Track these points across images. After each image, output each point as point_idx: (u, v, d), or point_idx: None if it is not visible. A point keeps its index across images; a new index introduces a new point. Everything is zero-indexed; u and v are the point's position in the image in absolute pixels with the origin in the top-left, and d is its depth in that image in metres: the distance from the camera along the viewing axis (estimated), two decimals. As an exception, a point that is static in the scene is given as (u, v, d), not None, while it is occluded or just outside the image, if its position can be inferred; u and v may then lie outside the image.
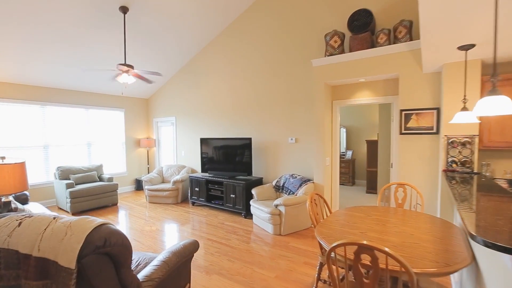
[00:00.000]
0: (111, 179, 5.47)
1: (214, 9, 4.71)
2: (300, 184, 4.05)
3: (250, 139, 4.67)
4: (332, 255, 1.98)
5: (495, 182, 2.25)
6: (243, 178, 4.70)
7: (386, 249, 1.25)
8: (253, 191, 4.28)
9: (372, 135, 7.10)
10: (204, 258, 3.04)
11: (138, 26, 4.45)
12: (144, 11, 4.17)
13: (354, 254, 1.33)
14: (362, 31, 3.55)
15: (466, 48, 2.26)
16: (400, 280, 1.30)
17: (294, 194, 4.05)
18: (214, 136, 5.72)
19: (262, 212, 3.84)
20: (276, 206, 3.73)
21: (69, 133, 5.72)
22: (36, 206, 3.68)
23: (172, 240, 3.62)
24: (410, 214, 2.29)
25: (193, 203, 5.39)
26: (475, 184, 2.21)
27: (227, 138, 4.96)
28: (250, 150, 4.68)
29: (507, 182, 2.71)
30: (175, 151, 6.58)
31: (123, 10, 3.99)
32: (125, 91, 6.49)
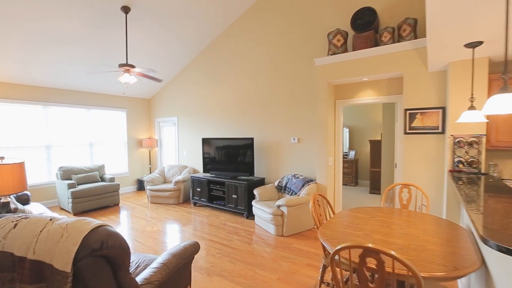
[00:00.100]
0: (112, 179, 5.45)
1: (216, 8, 4.68)
2: (303, 185, 4.00)
3: (252, 139, 4.63)
4: (336, 258, 1.93)
5: (503, 183, 2.19)
6: (245, 179, 4.66)
7: (392, 252, 1.20)
8: (255, 192, 4.24)
9: (375, 135, 7.03)
10: (206, 260, 3.00)
11: (139, 26, 4.43)
12: (145, 11, 4.14)
13: (359, 257, 1.29)
14: (365, 30, 3.50)
15: (474, 45, 2.20)
16: (407, 284, 1.26)
17: (297, 194, 4.01)
18: (216, 136, 5.69)
19: (264, 212, 3.80)
20: (279, 206, 3.69)
21: (71, 133, 5.72)
22: (38, 206, 3.67)
23: (173, 241, 3.59)
24: (416, 216, 2.24)
25: (194, 204, 5.36)
26: (482, 185, 2.16)
27: (229, 138, 4.92)
28: (252, 150, 4.64)
29: (515, 183, 2.65)
30: (177, 151, 6.56)
31: (125, 10, 3.98)
32: (127, 92, 6.48)
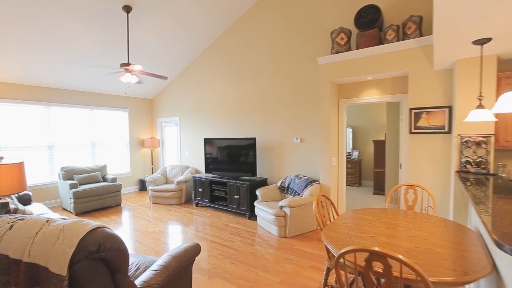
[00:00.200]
0: (114, 180, 5.44)
1: (218, 8, 4.64)
2: (306, 185, 3.95)
3: (255, 139, 4.59)
4: (341, 261, 1.88)
5: (513, 184, 2.13)
6: (247, 179, 4.62)
7: (400, 256, 1.15)
8: (257, 192, 4.20)
9: (379, 135, 6.96)
10: (207, 261, 2.96)
11: (141, 25, 4.41)
12: (147, 10, 4.12)
13: (365, 261, 1.24)
14: (369, 28, 3.45)
15: (482, 42, 2.14)
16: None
17: (300, 195, 3.96)
18: (218, 136, 5.66)
19: (267, 213, 3.76)
20: (281, 207, 3.64)
21: (73, 133, 5.72)
22: (39, 206, 3.66)
23: (175, 242, 3.56)
24: (422, 217, 2.18)
25: (196, 204, 5.33)
26: (491, 186, 2.09)
27: (231, 138, 4.88)
28: (254, 150, 4.60)
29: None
30: (179, 151, 6.54)
31: (127, 9, 3.96)
32: (129, 92, 6.48)
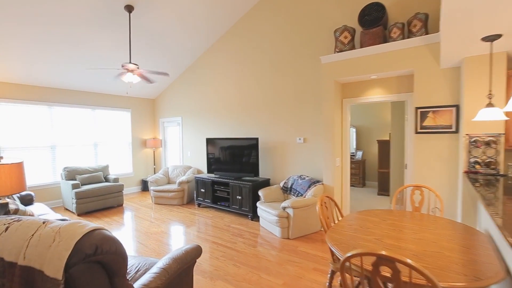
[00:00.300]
0: (117, 180, 5.43)
1: (220, 8, 4.61)
2: (309, 186, 3.89)
3: (257, 139, 4.54)
4: (347, 264, 1.83)
5: (524, 185, 2.06)
6: (250, 179, 4.57)
7: (408, 261, 1.10)
8: (260, 193, 4.15)
9: (383, 135, 6.87)
10: (209, 263, 2.92)
11: (143, 25, 4.39)
12: (149, 9, 4.10)
13: (372, 265, 1.19)
14: (373, 26, 3.39)
15: (491, 39, 2.08)
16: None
17: (303, 196, 3.90)
18: (221, 136, 5.62)
19: (269, 214, 3.71)
20: (284, 208, 3.59)
21: (76, 133, 5.72)
22: (41, 206, 3.64)
23: (177, 242, 3.52)
24: (429, 219, 2.13)
25: (198, 205, 5.30)
26: (502, 187, 2.03)
27: (234, 138, 4.84)
28: (257, 150, 4.55)
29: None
30: (181, 152, 6.51)
31: (128, 9, 3.94)
32: (131, 92, 6.47)
